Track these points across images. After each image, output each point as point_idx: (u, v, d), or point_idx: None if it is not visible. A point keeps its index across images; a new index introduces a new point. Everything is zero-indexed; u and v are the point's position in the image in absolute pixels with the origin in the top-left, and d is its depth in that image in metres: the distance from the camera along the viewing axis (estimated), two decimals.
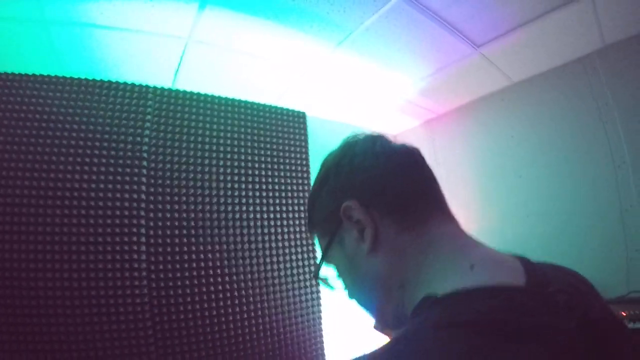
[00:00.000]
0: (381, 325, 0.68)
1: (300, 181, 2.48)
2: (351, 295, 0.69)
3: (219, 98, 2.32)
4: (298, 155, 2.52)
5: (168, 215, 2.00)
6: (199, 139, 2.18)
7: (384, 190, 0.62)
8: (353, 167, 0.65)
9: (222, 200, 2.16)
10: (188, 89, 2.25)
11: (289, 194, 2.41)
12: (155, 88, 2.13)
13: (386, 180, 0.63)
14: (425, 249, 0.59)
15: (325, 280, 0.70)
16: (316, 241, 0.72)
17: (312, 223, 0.72)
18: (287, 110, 2.58)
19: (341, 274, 0.69)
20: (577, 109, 2.35)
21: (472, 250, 0.59)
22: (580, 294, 0.55)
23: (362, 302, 0.68)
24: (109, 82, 2.01)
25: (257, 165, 2.33)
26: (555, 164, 2.42)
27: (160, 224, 1.98)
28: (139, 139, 2.01)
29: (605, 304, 0.59)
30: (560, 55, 2.35)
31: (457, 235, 0.62)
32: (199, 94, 2.26)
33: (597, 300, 0.59)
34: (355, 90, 2.62)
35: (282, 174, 2.41)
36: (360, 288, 0.66)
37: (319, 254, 0.72)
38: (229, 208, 2.18)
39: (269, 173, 2.36)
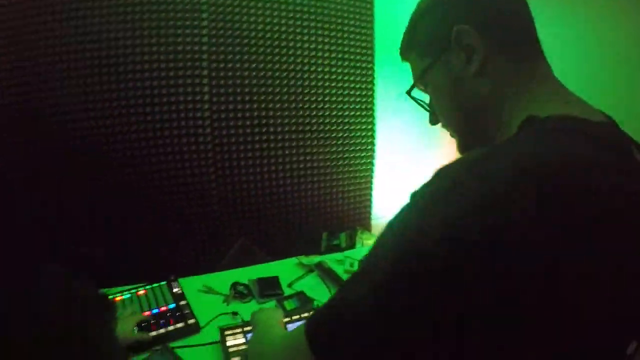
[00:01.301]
0: (464, 148, 0.72)
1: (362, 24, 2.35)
2: (436, 121, 0.74)
3: None
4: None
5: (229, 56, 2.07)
6: None
7: (501, 21, 0.62)
8: None
9: (283, 44, 2.16)
10: None
11: (350, 38, 2.32)
12: None
13: (505, 9, 0.63)
14: (533, 85, 0.61)
15: (416, 99, 0.74)
16: (411, 63, 0.73)
17: (413, 43, 0.71)
18: None
19: (436, 95, 0.71)
20: None
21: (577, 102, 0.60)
22: None
23: (451, 124, 0.72)
24: None
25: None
26: None
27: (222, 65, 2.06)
28: None
29: None
30: None
31: (558, 83, 0.63)
32: None
33: None
34: None
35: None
36: (456, 109, 0.68)
37: (416, 73, 0.72)
38: (290, 52, 2.18)
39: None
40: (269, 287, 1.59)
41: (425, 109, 0.75)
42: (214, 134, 2.07)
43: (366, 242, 2.06)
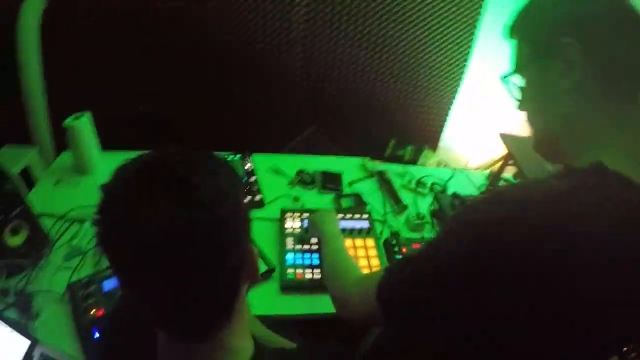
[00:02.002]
0: (536, 149, 0.73)
1: None
2: (522, 109, 0.73)
3: None
4: None
5: None
6: None
7: (613, 51, 0.59)
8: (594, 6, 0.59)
9: None
10: None
11: None
12: None
13: (623, 41, 0.58)
14: (614, 130, 0.60)
15: (508, 86, 0.73)
16: (514, 46, 0.71)
17: (522, 30, 0.70)
18: None
19: (527, 90, 0.70)
20: None
21: None
22: None
23: (530, 121, 0.72)
24: None
25: None
26: None
27: None
28: None
29: None
30: None
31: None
32: None
33: None
34: None
35: None
36: (538, 111, 0.70)
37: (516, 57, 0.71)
38: None
39: None
40: (331, 182, 1.72)
41: (514, 98, 0.74)
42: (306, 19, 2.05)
43: (428, 162, 2.10)
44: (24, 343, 1.02)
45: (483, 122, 2.30)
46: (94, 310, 1.12)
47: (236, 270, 0.54)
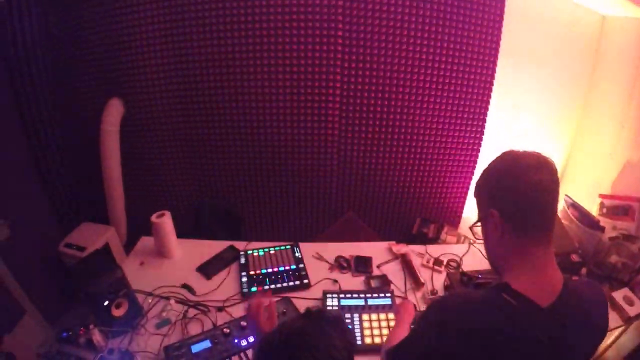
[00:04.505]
0: (489, 261, 1.14)
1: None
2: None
3: None
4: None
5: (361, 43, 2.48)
6: None
7: (520, 213, 0.97)
8: (505, 186, 0.99)
9: (409, 47, 2.49)
10: None
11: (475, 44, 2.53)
12: None
13: (527, 205, 0.96)
14: (521, 259, 0.99)
15: (473, 229, 1.16)
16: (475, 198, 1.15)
17: (476, 194, 1.13)
18: None
19: (482, 233, 1.11)
20: None
21: (537, 271, 0.98)
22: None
23: (486, 250, 1.13)
24: None
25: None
26: None
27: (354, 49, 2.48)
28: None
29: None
30: None
31: (538, 256, 0.98)
32: None
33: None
34: None
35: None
36: (486, 246, 1.12)
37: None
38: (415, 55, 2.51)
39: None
40: (362, 265, 2.16)
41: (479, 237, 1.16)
42: (340, 127, 2.59)
43: (449, 238, 2.50)
44: None
45: None
46: None
47: None
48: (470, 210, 2.86)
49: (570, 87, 2.77)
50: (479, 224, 1.12)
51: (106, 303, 1.74)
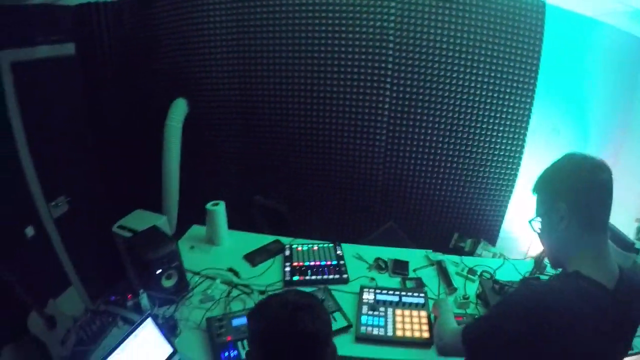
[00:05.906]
0: (548, 260, 1.24)
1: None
2: (540, 238, 1.24)
3: None
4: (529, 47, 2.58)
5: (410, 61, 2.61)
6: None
7: (587, 208, 1.08)
8: (575, 182, 1.09)
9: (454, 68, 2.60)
10: None
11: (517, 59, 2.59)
12: None
13: (593, 202, 1.08)
14: (585, 249, 1.09)
15: (532, 226, 1.24)
16: (535, 199, 1.22)
17: (540, 191, 1.19)
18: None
19: (542, 228, 1.20)
20: None
21: (601, 259, 1.09)
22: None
23: (544, 247, 1.23)
24: None
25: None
26: None
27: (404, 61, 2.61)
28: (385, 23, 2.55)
29: None
30: None
31: (600, 245, 1.10)
32: None
33: None
34: None
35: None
36: (548, 241, 1.20)
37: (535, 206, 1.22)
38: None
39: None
40: (399, 268, 2.25)
41: (536, 233, 1.24)
42: (387, 147, 2.74)
43: (485, 253, 2.54)
44: (168, 350, 1.66)
45: None
46: (224, 337, 1.71)
47: (330, 351, 1.06)
48: (510, 227, 2.89)
49: (610, 109, 2.80)
50: (538, 218, 1.21)
51: (159, 271, 1.88)
